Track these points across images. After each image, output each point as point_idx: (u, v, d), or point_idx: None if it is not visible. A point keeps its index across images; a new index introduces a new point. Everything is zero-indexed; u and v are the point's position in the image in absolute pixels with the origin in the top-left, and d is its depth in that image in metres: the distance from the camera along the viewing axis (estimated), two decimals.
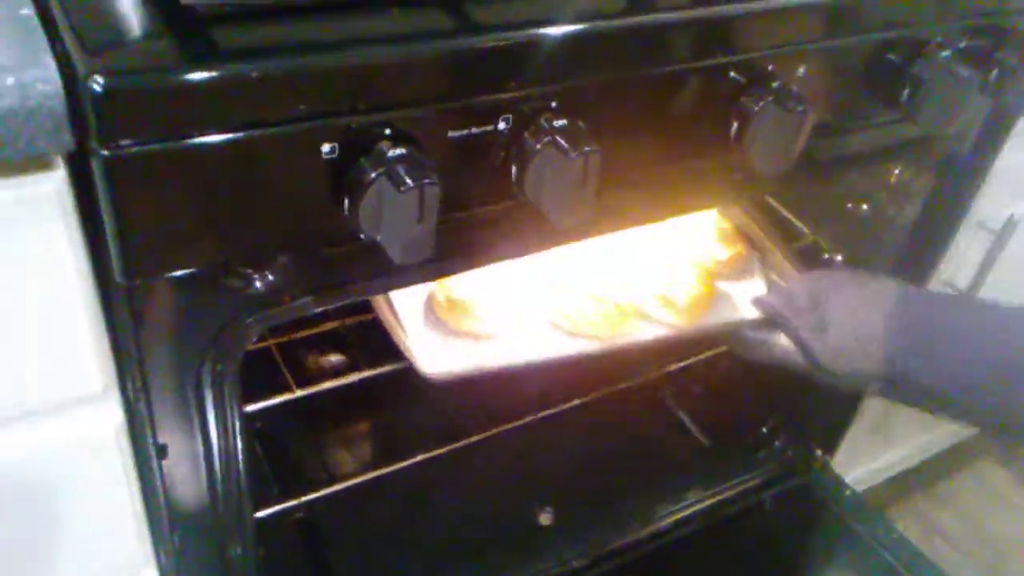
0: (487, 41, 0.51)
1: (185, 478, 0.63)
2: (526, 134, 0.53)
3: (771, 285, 0.98)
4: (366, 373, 0.97)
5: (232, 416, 0.62)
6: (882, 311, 0.79)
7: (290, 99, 0.45)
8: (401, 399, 1.07)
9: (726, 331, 0.93)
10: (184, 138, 0.44)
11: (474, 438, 1.03)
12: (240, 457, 0.65)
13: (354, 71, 0.47)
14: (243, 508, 0.69)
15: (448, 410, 1.04)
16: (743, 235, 1.02)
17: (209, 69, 0.43)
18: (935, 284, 1.05)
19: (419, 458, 0.98)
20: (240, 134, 0.45)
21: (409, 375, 0.96)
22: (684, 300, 0.90)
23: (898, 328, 0.78)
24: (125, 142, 0.42)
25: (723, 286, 0.96)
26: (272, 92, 0.45)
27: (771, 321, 0.89)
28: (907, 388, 0.78)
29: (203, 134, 0.44)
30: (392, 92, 0.49)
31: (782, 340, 0.87)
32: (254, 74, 0.44)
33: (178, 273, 0.50)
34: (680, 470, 1.15)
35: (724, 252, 0.99)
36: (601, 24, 0.54)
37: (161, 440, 0.59)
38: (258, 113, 0.45)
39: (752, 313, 0.92)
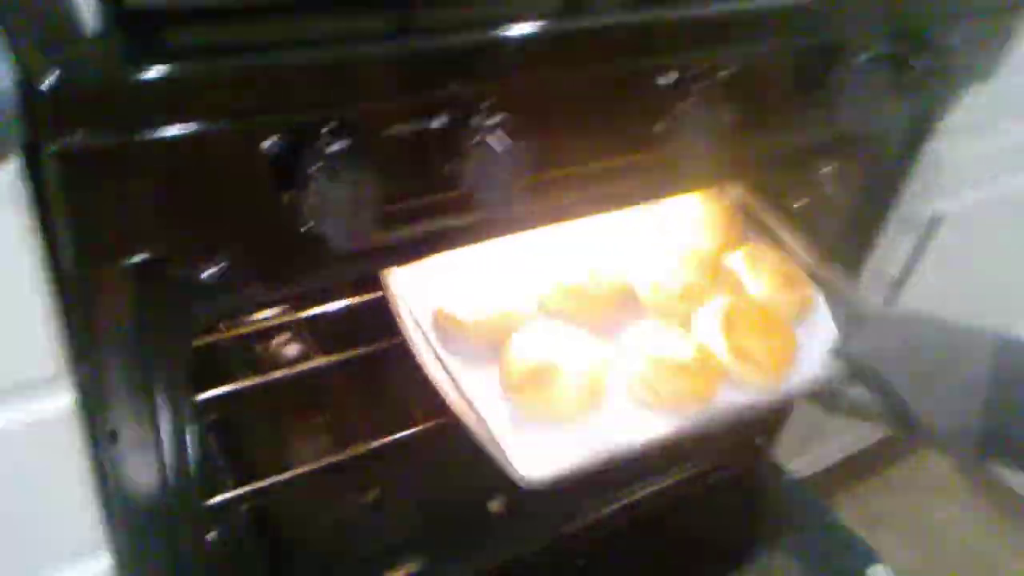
0: (425, 43, 0.54)
1: (136, 464, 0.64)
2: (462, 130, 0.56)
3: (847, 330, 0.87)
4: (318, 362, 0.99)
5: (182, 404, 0.64)
6: (983, 361, 0.73)
7: (232, 96, 0.48)
8: (356, 388, 1.09)
9: (819, 389, 0.85)
10: (132, 133, 0.46)
11: (427, 425, 1.05)
12: (190, 445, 0.67)
13: (295, 70, 0.50)
14: (193, 495, 0.71)
15: (401, 398, 1.06)
16: (806, 276, 0.95)
17: (155, 67, 0.45)
18: (866, 276, 1.10)
19: (373, 445, 1.00)
20: (185, 130, 0.47)
21: (361, 364, 0.98)
22: (764, 354, 0.84)
23: (1001, 381, 0.72)
24: (75, 137, 0.45)
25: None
26: (215, 90, 0.47)
27: (856, 372, 0.81)
28: (1009, 447, 0.72)
29: (150, 130, 0.47)
30: (331, 90, 0.51)
31: (867, 393, 0.80)
32: (198, 73, 0.46)
33: (128, 262, 0.52)
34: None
35: (788, 295, 0.93)
36: (535, 27, 0.57)
37: (111, 426, 0.61)
38: (202, 109, 0.47)
39: (836, 364, 0.84)
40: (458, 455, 1.10)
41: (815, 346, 0.88)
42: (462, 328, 0.83)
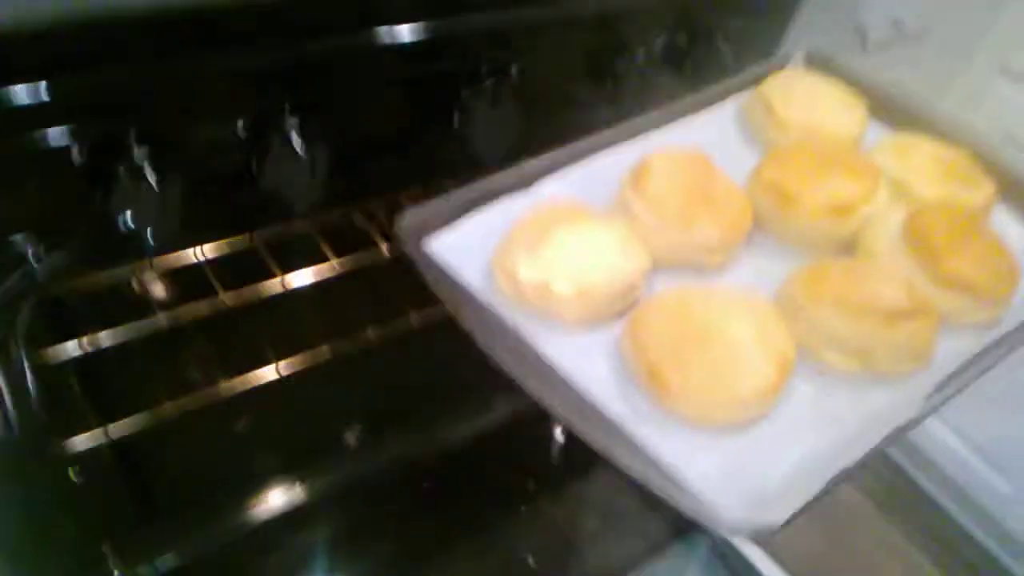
0: (226, 61, 0.61)
1: None
2: (263, 134, 0.64)
3: None
4: (173, 313, 1.04)
5: (21, 356, 0.71)
6: None
7: (40, 109, 0.54)
8: (219, 333, 1.15)
9: None
10: None
11: (288, 366, 1.12)
12: (34, 392, 0.74)
13: (99, 85, 0.56)
14: (42, 438, 0.78)
15: (265, 343, 1.13)
16: (978, 166, 0.73)
17: None
18: None
19: (236, 390, 1.07)
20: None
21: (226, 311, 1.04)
22: (985, 277, 0.62)
23: None
24: None
25: None
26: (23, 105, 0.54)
27: None
28: None
29: None
30: (137, 102, 0.58)
31: None
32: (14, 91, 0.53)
33: None
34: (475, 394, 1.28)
35: (971, 192, 0.71)
36: (324, 43, 0.64)
37: None
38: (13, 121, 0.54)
39: None
40: (314, 394, 1.19)
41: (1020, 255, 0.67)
42: (563, 303, 0.60)
